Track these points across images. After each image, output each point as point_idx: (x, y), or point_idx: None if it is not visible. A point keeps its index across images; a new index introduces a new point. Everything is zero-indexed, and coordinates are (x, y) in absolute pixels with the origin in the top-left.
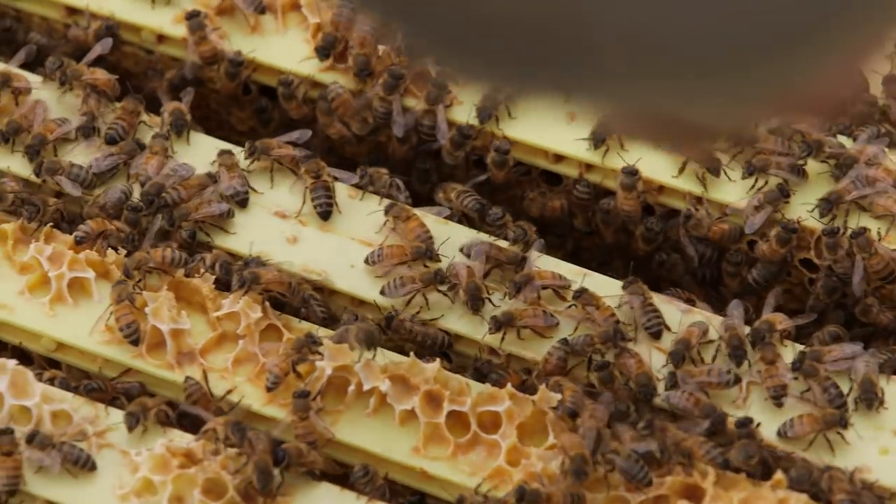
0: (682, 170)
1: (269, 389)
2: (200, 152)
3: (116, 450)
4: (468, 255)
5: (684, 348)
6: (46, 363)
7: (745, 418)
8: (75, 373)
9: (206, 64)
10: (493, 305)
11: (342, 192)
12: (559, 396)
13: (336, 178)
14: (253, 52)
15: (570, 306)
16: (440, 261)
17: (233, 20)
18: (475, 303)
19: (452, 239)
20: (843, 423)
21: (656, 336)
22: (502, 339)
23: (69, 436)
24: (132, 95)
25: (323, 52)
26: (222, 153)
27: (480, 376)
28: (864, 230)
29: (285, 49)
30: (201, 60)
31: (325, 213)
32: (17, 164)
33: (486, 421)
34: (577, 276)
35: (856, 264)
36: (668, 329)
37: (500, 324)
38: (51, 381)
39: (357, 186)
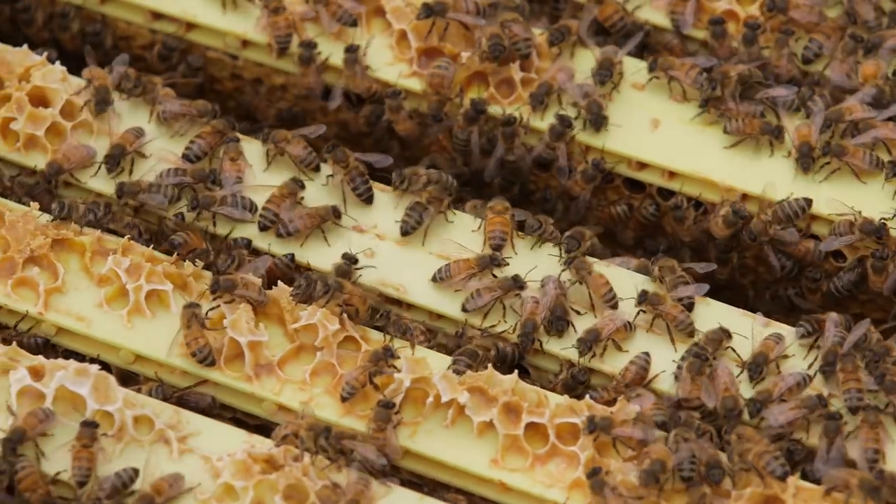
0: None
1: (343, 399)
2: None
3: (198, 455)
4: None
5: (763, 361)
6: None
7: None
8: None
9: (278, 45)
10: (542, 347)
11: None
12: (638, 408)
13: (368, 162)
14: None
15: (638, 312)
16: (507, 265)
17: (318, 26)
18: (525, 341)
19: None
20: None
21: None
22: (591, 357)
23: (150, 441)
24: (226, 118)
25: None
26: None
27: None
28: None
29: (370, 54)
30: (274, 36)
31: (368, 198)
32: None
33: (564, 432)
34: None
35: None
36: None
37: (589, 343)
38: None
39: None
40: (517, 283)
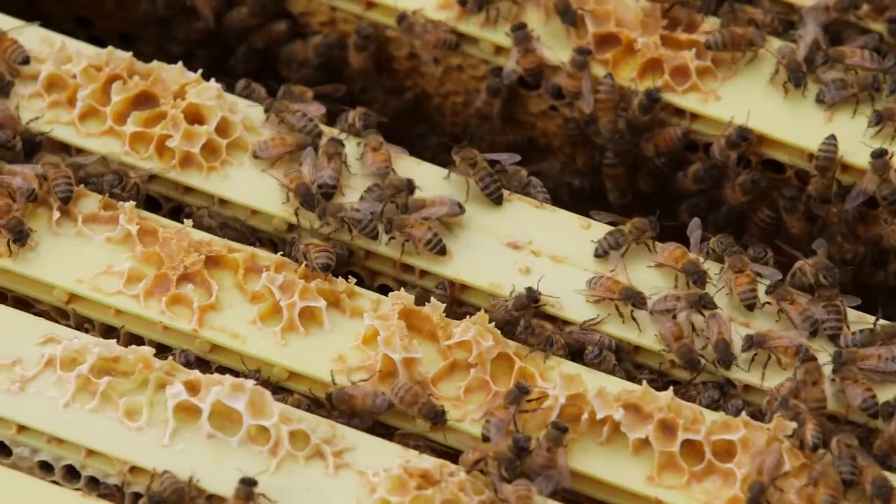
0: None
1: (485, 440)
2: None
3: (354, 470)
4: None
5: None
6: None
7: None
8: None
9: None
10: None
11: (573, 222)
12: (794, 425)
13: (495, 161)
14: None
15: (764, 303)
16: (645, 305)
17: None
18: (689, 362)
19: None
20: None
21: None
22: (752, 359)
23: (306, 456)
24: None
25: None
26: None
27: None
28: None
29: (546, 38)
30: None
31: (498, 197)
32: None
33: (720, 450)
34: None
35: None
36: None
37: (752, 343)
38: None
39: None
40: (703, 303)
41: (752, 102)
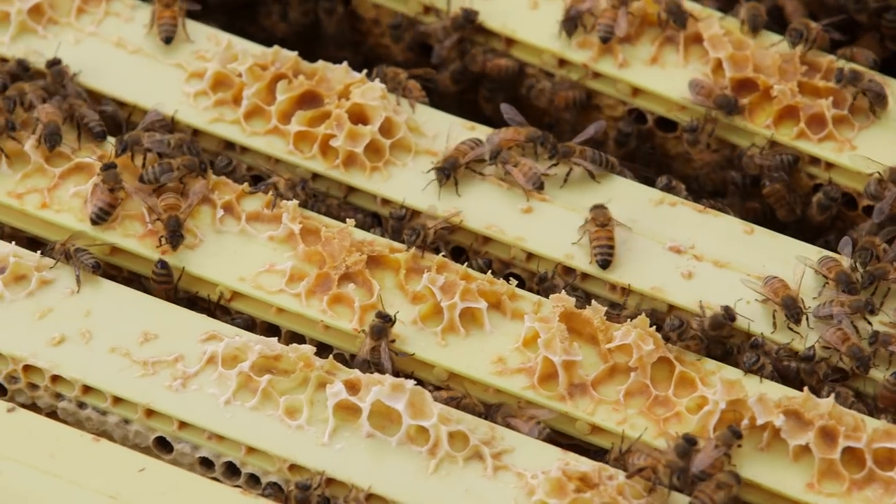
0: None
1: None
2: None
3: (513, 472)
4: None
5: None
6: None
7: None
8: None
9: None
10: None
11: (736, 227)
12: None
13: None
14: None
15: None
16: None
17: (634, 48)
18: (861, 361)
19: None
20: None
21: None
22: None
23: (465, 457)
24: None
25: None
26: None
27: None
28: None
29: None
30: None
31: (612, 166)
32: None
33: (881, 458)
34: None
35: None
36: None
37: (877, 340)
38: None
39: None
40: (869, 308)
41: (888, 152)
